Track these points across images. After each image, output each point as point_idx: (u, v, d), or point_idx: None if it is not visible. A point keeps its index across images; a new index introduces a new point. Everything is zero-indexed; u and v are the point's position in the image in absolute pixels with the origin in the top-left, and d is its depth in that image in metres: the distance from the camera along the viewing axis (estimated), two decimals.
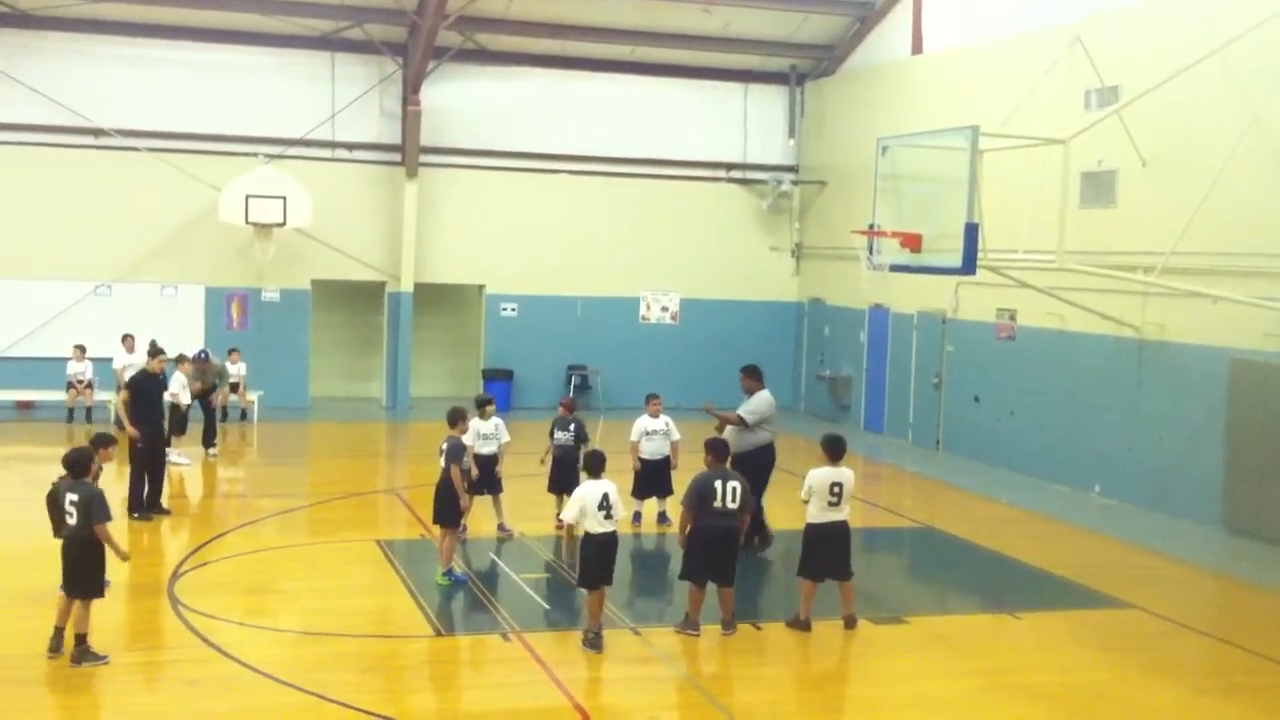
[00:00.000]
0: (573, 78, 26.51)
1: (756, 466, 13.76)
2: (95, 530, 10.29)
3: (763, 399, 14.66)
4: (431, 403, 24.46)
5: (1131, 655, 11.47)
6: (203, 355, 20.94)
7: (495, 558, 14.23)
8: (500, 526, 15.00)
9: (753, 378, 14.89)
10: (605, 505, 11.02)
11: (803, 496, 11.86)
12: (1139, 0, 18.22)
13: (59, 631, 10.41)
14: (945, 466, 21.15)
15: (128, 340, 21.54)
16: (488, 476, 14.71)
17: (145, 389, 15.92)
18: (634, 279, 27.03)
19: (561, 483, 14.93)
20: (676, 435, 15.54)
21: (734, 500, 11.48)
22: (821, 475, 11.77)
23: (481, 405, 14.83)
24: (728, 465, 11.93)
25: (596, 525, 11.05)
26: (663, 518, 15.66)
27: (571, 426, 15.14)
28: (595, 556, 11.12)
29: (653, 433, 15.49)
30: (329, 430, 23.78)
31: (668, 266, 27.13)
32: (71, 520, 10.34)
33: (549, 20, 25.05)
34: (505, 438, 14.84)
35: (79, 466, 10.57)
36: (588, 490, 11.15)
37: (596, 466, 11.39)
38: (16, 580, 12.44)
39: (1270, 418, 15.68)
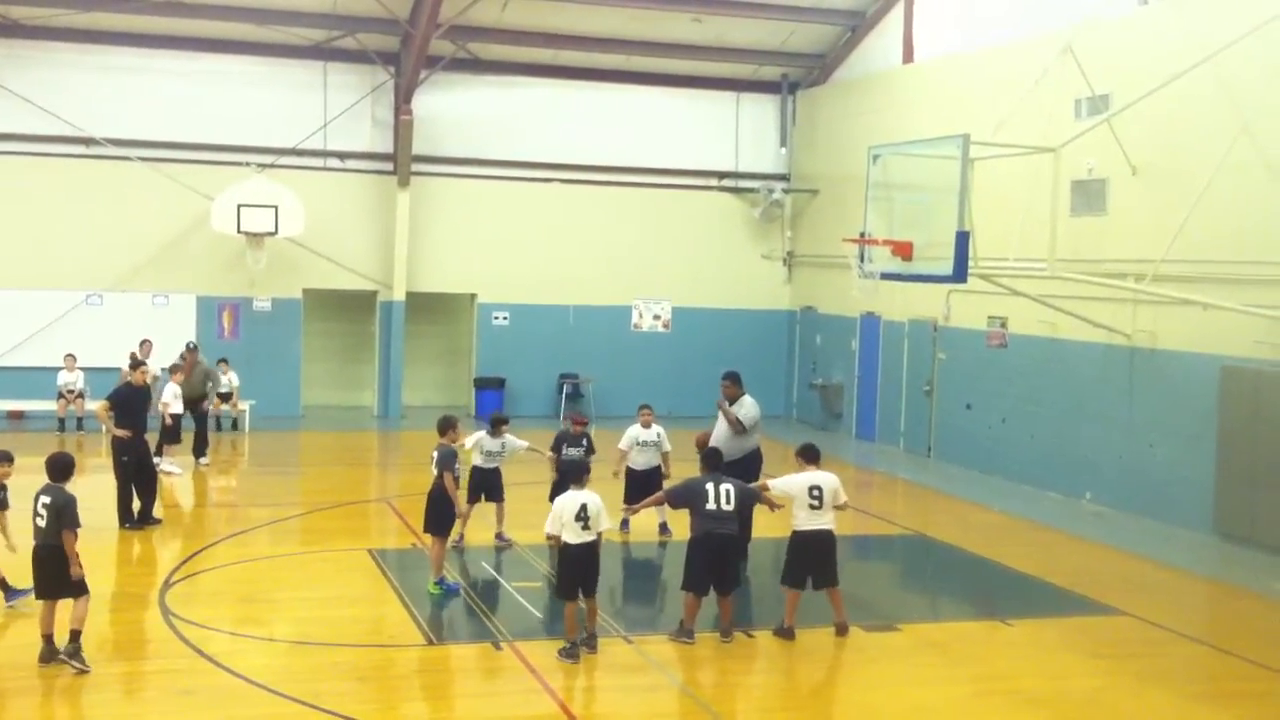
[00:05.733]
0: (565, 87, 26.53)
1: (748, 473, 13.78)
2: (62, 535, 10.28)
3: (753, 404, 14.79)
4: (423, 411, 24.42)
5: (1124, 662, 11.49)
6: (192, 346, 21.20)
7: (488, 567, 14.21)
8: (499, 536, 14.99)
9: (736, 384, 14.94)
10: (583, 516, 11.02)
11: (778, 499, 11.95)
12: (1129, 9, 18.30)
13: (48, 640, 10.37)
14: (937, 474, 21.17)
15: (144, 346, 21.45)
16: (489, 487, 14.73)
17: (128, 401, 15.76)
18: (626, 287, 27.05)
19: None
20: (668, 446, 15.53)
21: (729, 502, 11.51)
22: (799, 479, 11.79)
23: (495, 424, 14.73)
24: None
25: (573, 536, 11.05)
26: (664, 529, 15.64)
27: (584, 442, 15.06)
28: (571, 567, 11.12)
29: (645, 444, 15.47)
30: (321, 439, 23.74)
31: (660, 275, 27.15)
32: (41, 523, 10.33)
33: (541, 30, 25.08)
34: (520, 446, 14.83)
35: (62, 471, 10.53)
36: (566, 501, 11.17)
37: (576, 478, 11.41)
38: None
39: (1261, 424, 15.71)
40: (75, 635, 10.30)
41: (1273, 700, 10.76)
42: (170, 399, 19.05)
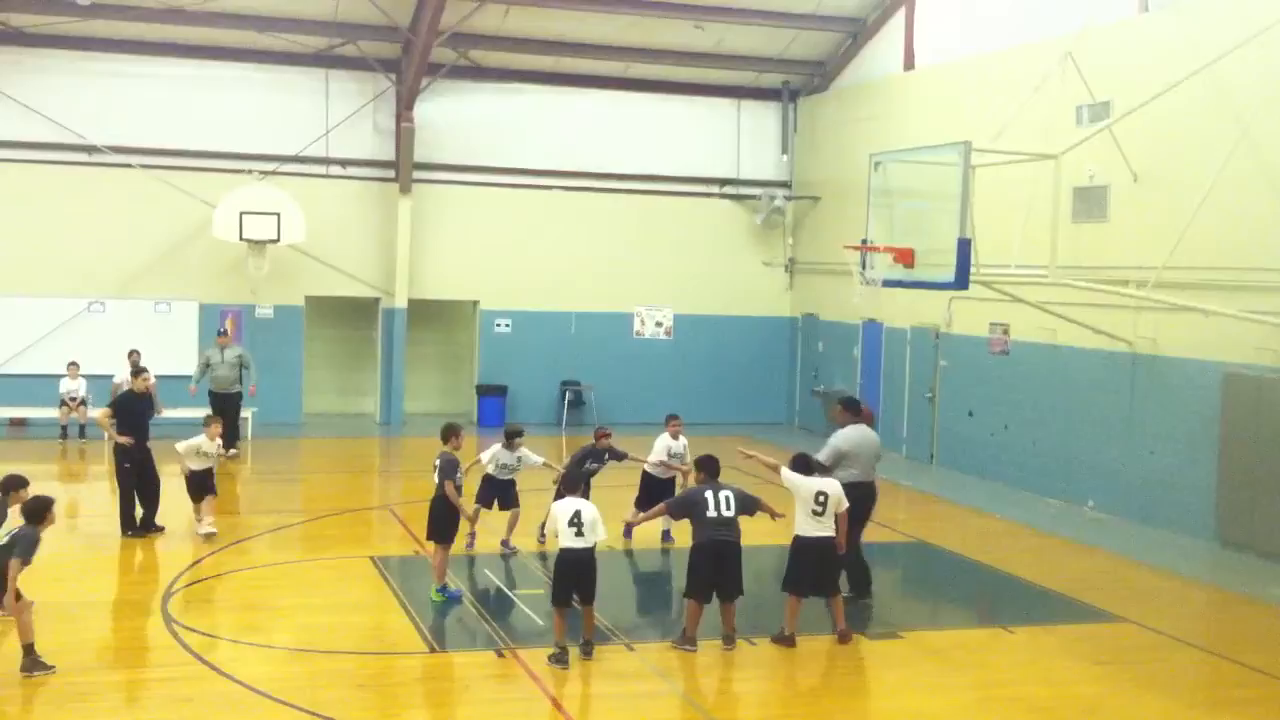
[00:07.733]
0: (566, 94, 26.56)
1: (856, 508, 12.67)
2: (9, 563, 10.22)
3: (841, 436, 13.34)
4: (425, 418, 24.45)
5: (1125, 669, 11.48)
6: (222, 331, 22.33)
7: (491, 574, 14.20)
8: (504, 543, 14.97)
9: (846, 411, 13.61)
10: (576, 522, 11.05)
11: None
12: (1129, 16, 18.33)
13: None
14: (939, 481, 21.16)
15: (133, 355, 21.45)
16: (503, 495, 14.78)
17: (129, 408, 15.75)
18: (628, 294, 27.06)
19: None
20: (689, 457, 15.53)
21: (729, 508, 11.52)
22: (808, 482, 11.82)
23: (510, 437, 14.73)
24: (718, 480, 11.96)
25: (565, 541, 11.08)
26: (666, 536, 15.65)
27: (605, 457, 15.01)
28: (562, 572, 11.13)
29: (674, 455, 15.48)
30: (322, 446, 23.75)
31: (661, 282, 27.16)
32: None
33: (543, 37, 25.11)
34: (536, 461, 14.80)
35: (34, 514, 10.47)
36: (561, 506, 11.21)
37: (570, 487, 11.47)
38: None
39: (1262, 431, 15.72)
40: None
41: (1274, 706, 10.76)
42: (183, 451, 15.39)
